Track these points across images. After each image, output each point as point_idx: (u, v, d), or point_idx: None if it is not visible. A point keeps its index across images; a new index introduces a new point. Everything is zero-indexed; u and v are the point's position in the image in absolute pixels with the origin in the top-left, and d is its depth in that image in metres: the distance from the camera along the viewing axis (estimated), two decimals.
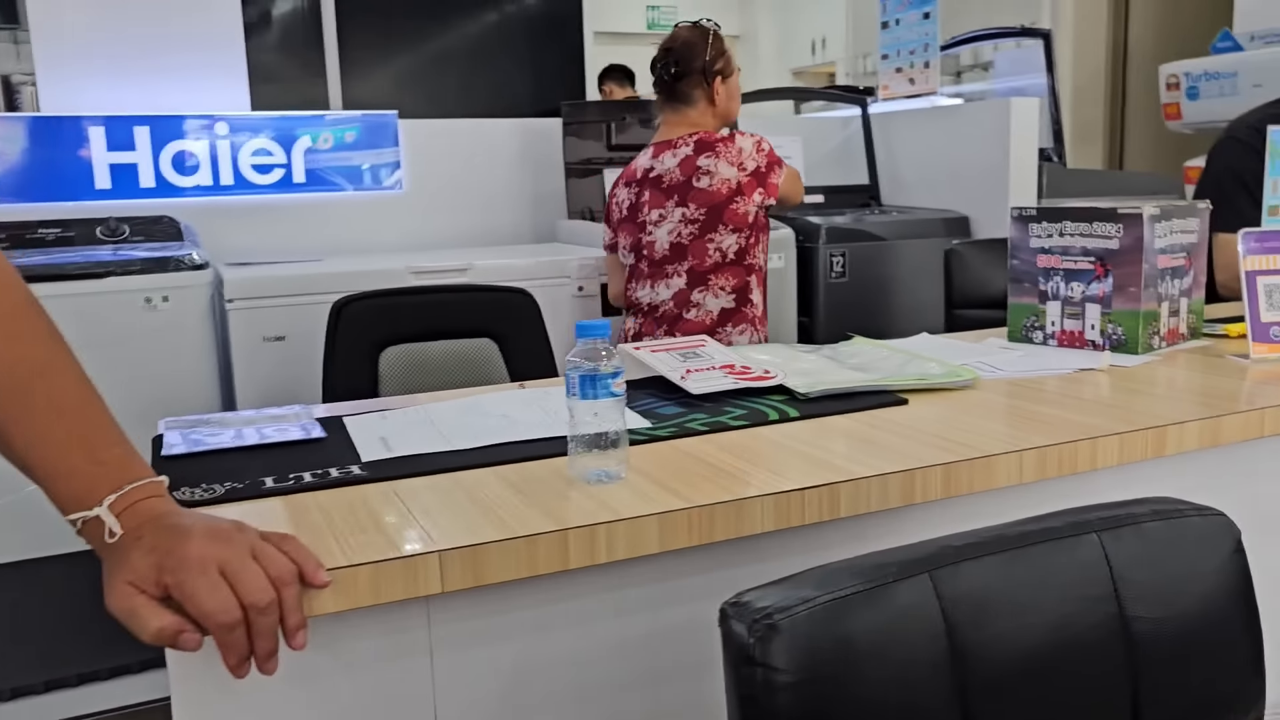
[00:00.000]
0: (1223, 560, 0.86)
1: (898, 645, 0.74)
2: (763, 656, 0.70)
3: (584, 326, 1.00)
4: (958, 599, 0.77)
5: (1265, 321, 1.48)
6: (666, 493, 0.98)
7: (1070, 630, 0.80)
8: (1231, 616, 0.85)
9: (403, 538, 0.87)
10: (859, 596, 0.75)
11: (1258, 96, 2.61)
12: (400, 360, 2.04)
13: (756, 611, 0.71)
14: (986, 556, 0.80)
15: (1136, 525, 0.85)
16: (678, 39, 2.34)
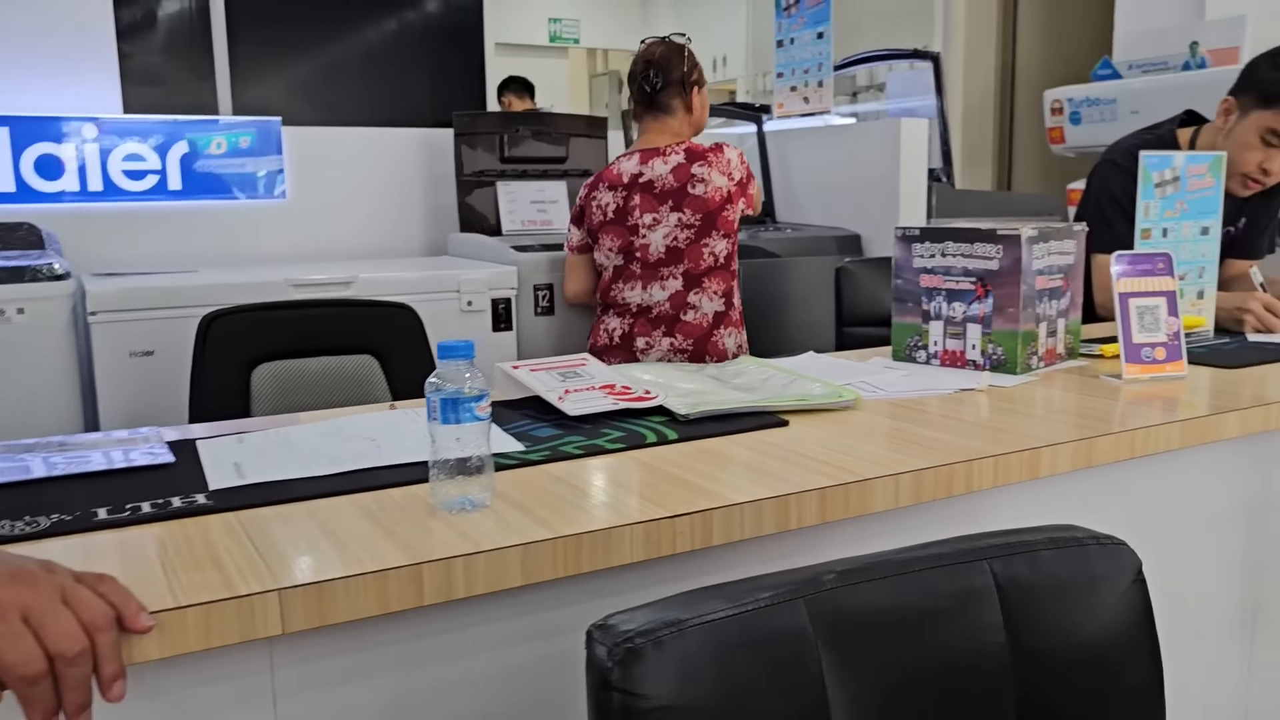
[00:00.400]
0: (1122, 590, 0.84)
1: (767, 673, 0.72)
2: (621, 681, 0.67)
3: (446, 347, 0.95)
4: (835, 626, 0.75)
5: (1137, 343, 1.51)
6: (532, 521, 0.93)
7: (956, 660, 0.78)
8: (1131, 647, 0.84)
9: (241, 575, 0.81)
10: (728, 621, 0.72)
11: (1135, 122, 2.70)
12: (274, 378, 1.94)
13: (619, 635, 0.69)
14: (867, 582, 0.78)
15: (1032, 553, 0.83)
16: (655, 53, 2.46)
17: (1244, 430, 1.34)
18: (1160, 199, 1.70)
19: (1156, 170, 1.69)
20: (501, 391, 1.46)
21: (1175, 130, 2.20)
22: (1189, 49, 3.85)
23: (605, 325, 2.51)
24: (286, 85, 7.93)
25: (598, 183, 2.49)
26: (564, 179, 3.31)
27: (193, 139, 2.93)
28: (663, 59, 2.45)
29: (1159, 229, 1.72)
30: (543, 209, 3.24)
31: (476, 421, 0.95)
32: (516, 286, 2.75)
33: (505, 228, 3.18)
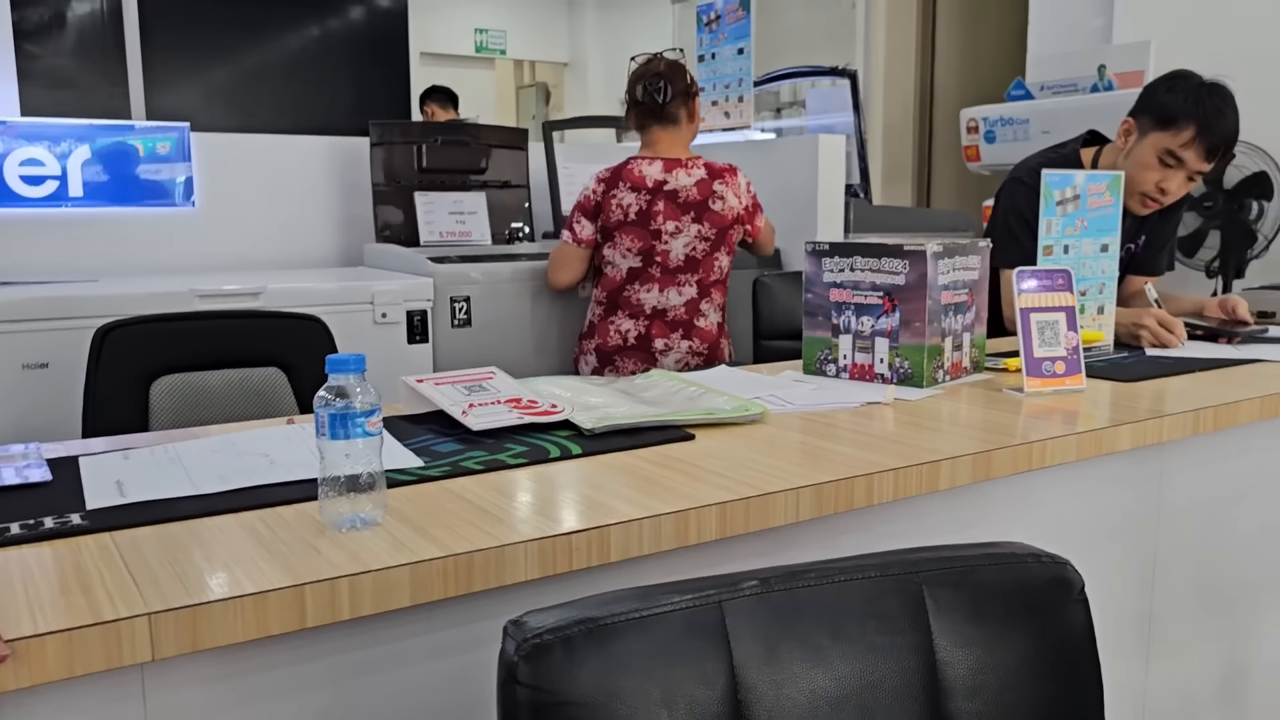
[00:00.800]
0: (1063, 611, 0.82)
1: (673, 676, 0.71)
2: (526, 676, 0.68)
3: (336, 361, 0.92)
4: (753, 633, 0.74)
5: (1038, 357, 1.54)
6: (425, 540, 0.91)
7: (880, 678, 0.77)
8: (1071, 669, 0.82)
9: (110, 599, 0.77)
10: (641, 622, 0.71)
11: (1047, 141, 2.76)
12: (173, 391, 1.88)
13: (530, 631, 0.69)
14: (789, 590, 0.77)
15: (967, 570, 0.81)
16: (660, 67, 2.61)
17: (1137, 442, 1.37)
18: (1061, 216, 1.74)
19: (1058, 188, 1.73)
20: (407, 405, 1.43)
21: (1079, 150, 2.26)
22: (1097, 72, 3.97)
23: (617, 326, 2.59)
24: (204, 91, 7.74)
25: (616, 180, 2.57)
26: (483, 190, 3.28)
27: (96, 144, 2.83)
28: (670, 71, 2.60)
29: (1060, 246, 1.76)
30: (461, 220, 3.20)
31: (367, 437, 0.92)
32: (433, 298, 2.71)
33: (423, 238, 3.13)
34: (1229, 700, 1.67)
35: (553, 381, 1.54)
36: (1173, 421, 1.41)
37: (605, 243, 2.60)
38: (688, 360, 2.60)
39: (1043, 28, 4.42)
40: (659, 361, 2.59)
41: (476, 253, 2.99)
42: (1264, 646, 1.71)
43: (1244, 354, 1.88)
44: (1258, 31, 3.54)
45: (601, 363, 2.63)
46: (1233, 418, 1.50)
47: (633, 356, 2.58)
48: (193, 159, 2.96)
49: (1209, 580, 1.59)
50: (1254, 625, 1.69)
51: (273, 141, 3.16)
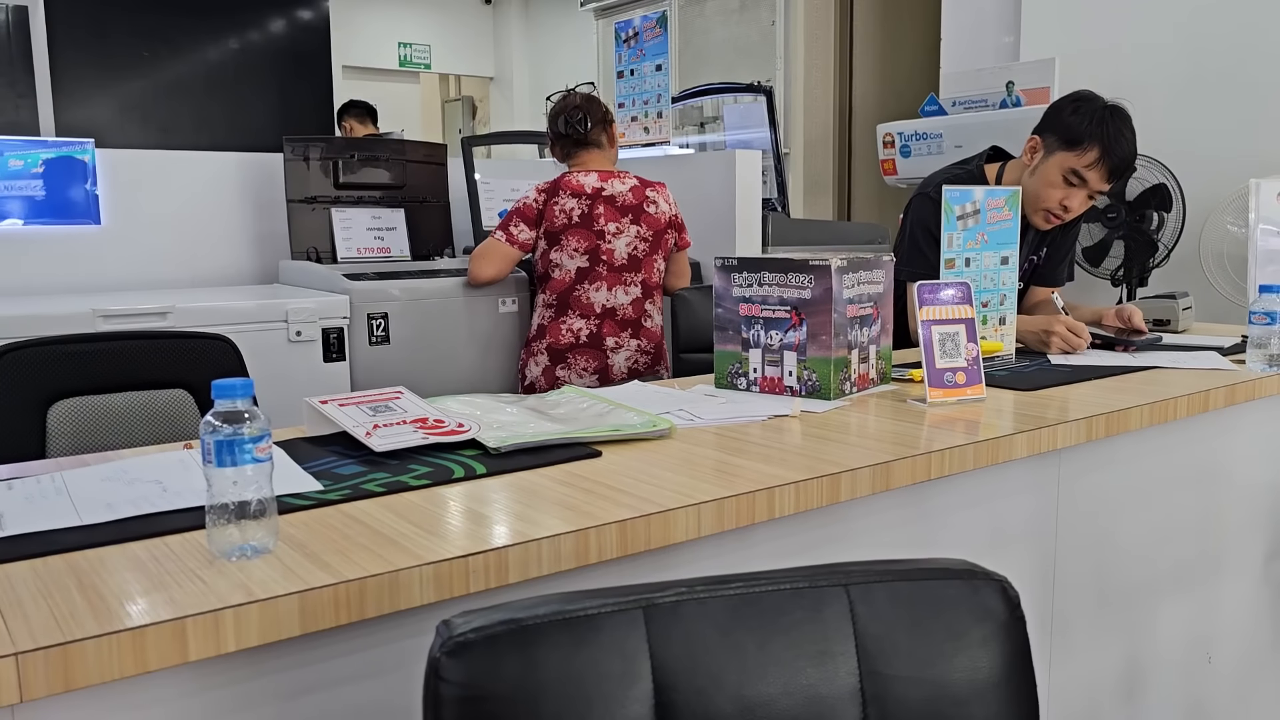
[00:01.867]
0: (994, 629, 0.81)
1: (594, 677, 0.72)
2: (445, 671, 0.70)
3: (221, 386, 0.90)
4: (671, 639, 0.74)
5: (940, 368, 1.58)
6: (316, 567, 0.89)
7: (799, 687, 0.77)
8: (1003, 691, 0.81)
9: None
10: (564, 623, 0.73)
11: (959, 155, 2.84)
12: (73, 415, 1.83)
13: (455, 628, 0.71)
14: (713, 599, 0.77)
15: (894, 582, 0.81)
16: (578, 99, 2.83)
17: (1033, 450, 1.41)
18: (962, 231, 1.79)
19: (958, 204, 1.78)
20: (310, 427, 1.41)
21: (983, 165, 2.32)
22: (1005, 88, 4.08)
23: (568, 325, 2.69)
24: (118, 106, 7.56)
25: (556, 189, 2.71)
26: (402, 206, 3.25)
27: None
28: (587, 103, 2.81)
29: (962, 259, 1.80)
30: (380, 235, 3.17)
31: (256, 464, 0.90)
32: (349, 315, 2.68)
33: (340, 254, 3.09)
34: (1129, 696, 1.72)
35: (462, 400, 1.53)
36: (1067, 429, 1.45)
37: (551, 247, 2.71)
38: (637, 358, 2.72)
39: (954, 45, 4.54)
40: (609, 359, 2.69)
41: (395, 269, 2.96)
42: (1160, 642, 1.77)
43: (1139, 361, 1.95)
44: (1154, 51, 3.68)
45: (553, 361, 2.69)
46: (1124, 424, 1.55)
47: (585, 354, 2.68)
48: (99, 176, 2.89)
49: (1107, 581, 1.64)
50: (1150, 622, 1.74)
51: (183, 158, 3.10)
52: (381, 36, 8.85)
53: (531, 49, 9.05)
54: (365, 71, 8.72)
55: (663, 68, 3.44)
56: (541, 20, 8.90)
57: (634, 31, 3.53)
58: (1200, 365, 1.91)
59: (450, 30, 9.17)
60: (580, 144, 2.80)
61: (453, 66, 9.42)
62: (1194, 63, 3.58)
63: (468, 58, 9.32)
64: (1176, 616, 1.79)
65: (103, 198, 2.90)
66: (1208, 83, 3.56)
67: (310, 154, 3.12)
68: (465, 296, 2.89)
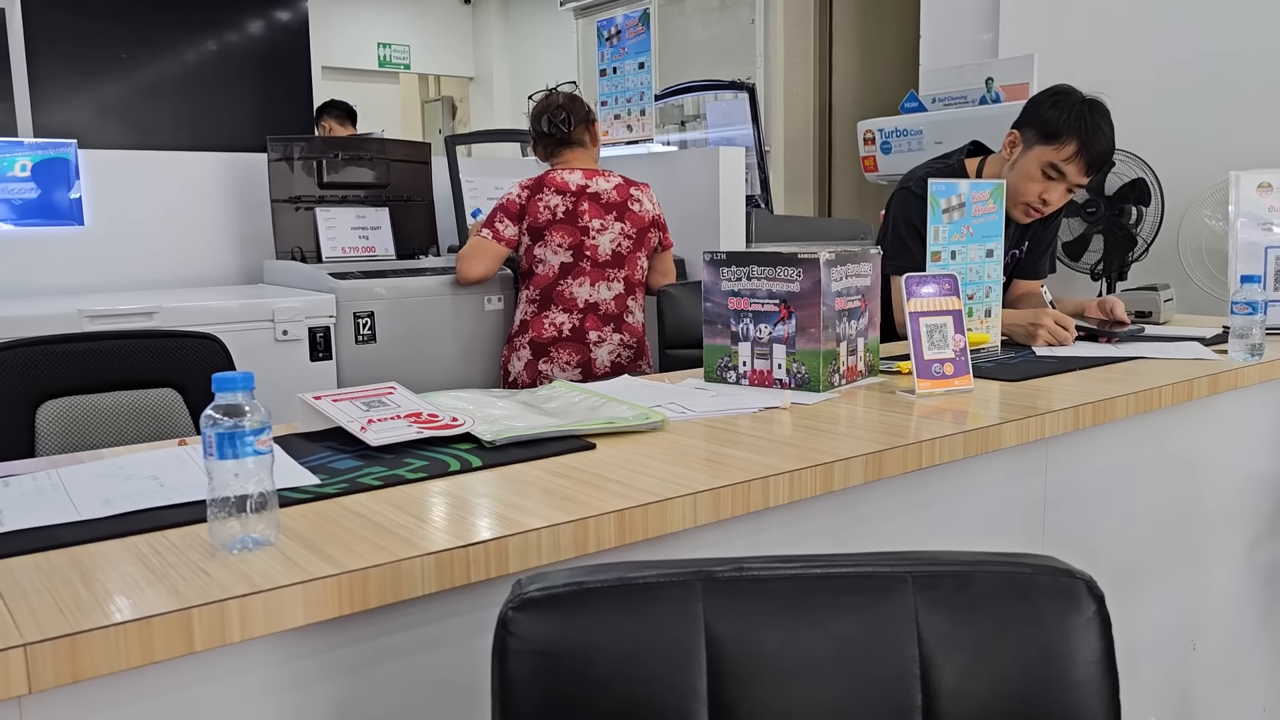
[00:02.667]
0: (1072, 630, 0.79)
1: (650, 641, 0.76)
2: (513, 626, 0.75)
3: (222, 379, 0.91)
4: (727, 612, 0.77)
5: (928, 359, 1.59)
6: (318, 558, 0.90)
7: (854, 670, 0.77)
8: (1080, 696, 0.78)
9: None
10: (624, 588, 0.77)
11: (939, 151, 2.86)
12: (63, 415, 1.82)
13: (524, 587, 0.76)
14: (772, 577, 0.78)
15: (961, 574, 0.79)
16: (560, 99, 2.83)
17: (1021, 439, 1.43)
18: (948, 224, 1.81)
19: (943, 197, 1.79)
20: (304, 423, 1.41)
21: (964, 160, 2.34)
22: (985, 84, 4.11)
23: (551, 319, 2.71)
24: (96, 108, 7.50)
25: (540, 186, 2.72)
26: (386, 205, 3.25)
27: None
28: (570, 102, 2.82)
29: (948, 252, 1.82)
30: (364, 235, 3.17)
31: (257, 456, 0.91)
32: (335, 314, 2.68)
33: (325, 254, 3.09)
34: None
35: (455, 395, 1.53)
36: (1054, 418, 1.47)
37: (535, 243, 2.72)
38: (619, 352, 2.74)
39: (934, 42, 4.56)
40: (592, 352, 2.70)
41: (380, 268, 2.96)
42: (1147, 630, 1.80)
43: (1122, 352, 1.97)
44: (1131, 46, 3.72)
45: (536, 355, 2.70)
46: (1110, 413, 1.57)
47: (567, 347, 2.69)
48: (81, 177, 2.87)
49: (1093, 568, 1.66)
50: (1137, 610, 1.76)
51: (166, 159, 3.09)
52: (360, 37, 8.82)
53: (511, 49, 9.05)
54: (344, 72, 8.69)
55: (645, 65, 3.45)
56: (521, 20, 8.90)
57: (616, 30, 3.54)
58: (1183, 355, 1.94)
59: (429, 30, 9.15)
60: (563, 143, 2.82)
61: (432, 67, 9.40)
62: (1171, 57, 3.63)
63: (447, 58, 9.31)
64: (1162, 604, 1.82)
65: (86, 199, 2.89)
66: (1185, 77, 3.60)
67: (294, 154, 3.11)
68: (451, 294, 2.89)
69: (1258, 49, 3.41)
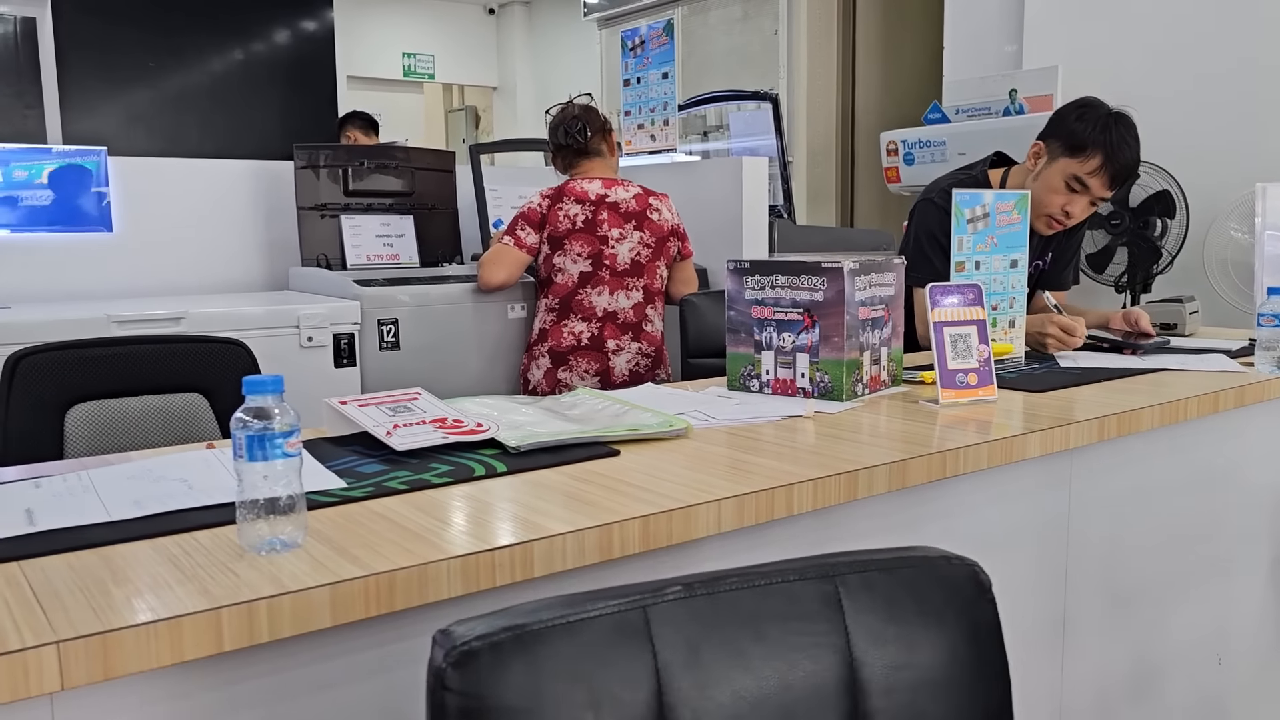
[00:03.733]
0: (970, 610, 0.85)
1: (599, 680, 0.72)
2: (454, 683, 0.69)
3: (253, 382, 0.92)
4: (673, 636, 0.75)
5: (952, 369, 1.59)
6: (346, 560, 0.91)
7: (795, 675, 0.78)
8: (979, 669, 0.85)
9: (16, 628, 0.76)
10: (567, 628, 0.72)
11: (962, 162, 2.85)
12: (91, 419, 1.84)
13: (457, 638, 0.70)
14: (707, 595, 0.78)
15: (879, 571, 0.83)
16: (576, 110, 2.86)
17: (1046, 449, 1.42)
18: (972, 234, 1.80)
19: (968, 207, 1.79)
20: (330, 428, 1.42)
21: (987, 170, 2.34)
22: (1009, 95, 4.10)
23: (570, 328, 2.72)
24: (124, 115, 7.59)
25: (560, 196, 2.74)
26: (411, 213, 3.27)
27: (9, 168, 2.76)
28: (585, 113, 2.85)
29: (972, 262, 1.82)
30: (389, 243, 3.19)
31: (286, 458, 0.92)
32: (359, 321, 2.70)
33: (350, 261, 3.11)
34: (1141, 696, 1.73)
35: (479, 401, 1.54)
36: (1079, 429, 1.47)
37: (554, 252, 2.73)
38: (638, 360, 2.75)
39: (957, 53, 4.56)
40: (610, 361, 2.72)
41: (405, 275, 2.98)
42: (1171, 643, 1.78)
43: (1147, 364, 1.96)
44: (1156, 57, 3.70)
45: (555, 363, 2.72)
46: (1135, 424, 1.56)
47: (586, 356, 2.71)
48: (110, 183, 2.91)
49: (1118, 579, 1.65)
50: (1161, 622, 1.75)
51: (194, 165, 3.12)
52: (385, 46, 8.89)
53: (535, 58, 9.09)
54: (369, 81, 8.76)
55: (669, 75, 3.46)
56: (544, 30, 8.95)
57: (640, 40, 3.56)
58: (1209, 368, 1.93)
59: (454, 40, 9.21)
60: (581, 153, 2.84)
61: (456, 76, 9.46)
62: (1196, 69, 3.61)
63: (471, 67, 9.36)
64: (1187, 617, 1.80)
65: (115, 205, 2.92)
66: (1210, 89, 3.58)
67: (320, 162, 3.14)
68: (474, 302, 2.90)
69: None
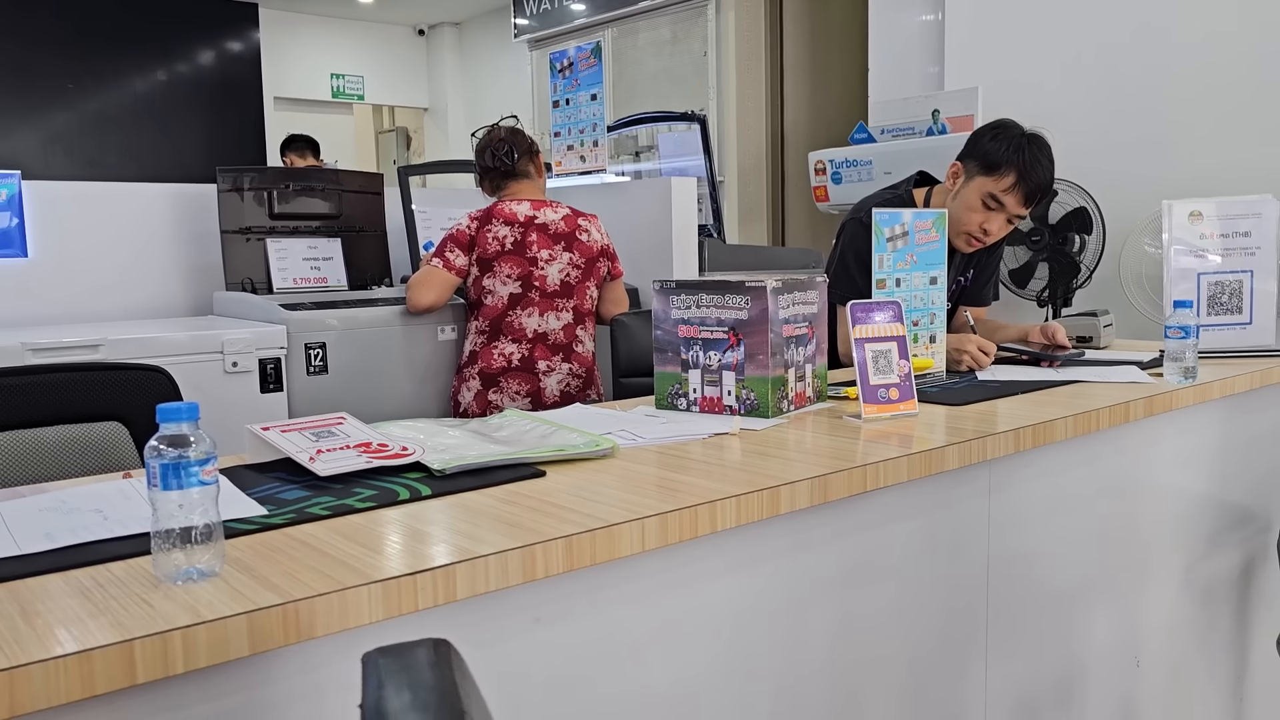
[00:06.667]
0: None
1: None
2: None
3: (167, 409, 0.91)
4: None
5: (874, 384, 1.62)
6: (264, 588, 0.90)
7: None
8: None
9: None
10: None
11: (888, 181, 2.92)
12: (7, 449, 1.79)
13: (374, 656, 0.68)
14: None
15: None
16: (503, 133, 2.89)
17: (964, 461, 1.46)
18: (892, 252, 1.85)
19: (887, 226, 1.83)
20: (253, 454, 1.41)
21: (911, 190, 2.40)
22: (931, 116, 4.20)
23: (500, 350, 2.75)
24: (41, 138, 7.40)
25: (489, 218, 2.77)
26: (338, 235, 3.24)
27: None
28: (512, 135, 2.87)
29: (893, 279, 1.86)
30: (316, 266, 3.16)
31: (202, 486, 0.91)
32: (286, 346, 2.66)
33: (276, 285, 3.07)
34: (1064, 701, 1.78)
35: (405, 424, 1.53)
36: (996, 440, 1.51)
37: (484, 274, 2.76)
38: (568, 381, 2.77)
39: (881, 75, 4.66)
40: (541, 382, 2.73)
41: (332, 298, 2.95)
42: (1091, 647, 1.83)
43: (1063, 376, 2.02)
44: (1073, 79, 3.83)
45: (485, 385, 2.72)
46: (1050, 435, 1.61)
47: (517, 377, 2.72)
48: (25, 208, 2.84)
49: (1038, 587, 1.70)
50: (1081, 627, 1.80)
51: (113, 190, 3.06)
52: (314, 68, 8.81)
53: (466, 80, 9.08)
54: (297, 103, 8.67)
55: (598, 97, 3.49)
56: (475, 51, 8.94)
57: (569, 61, 3.58)
58: (1121, 379, 1.99)
59: (383, 61, 9.16)
60: (509, 175, 2.86)
61: (386, 97, 9.41)
62: (1111, 90, 3.73)
63: (401, 89, 9.32)
64: (1106, 622, 1.85)
65: (30, 230, 2.85)
66: (1124, 109, 3.71)
67: (244, 184, 3.10)
68: (404, 325, 2.88)
69: (1193, 86, 3.52)
